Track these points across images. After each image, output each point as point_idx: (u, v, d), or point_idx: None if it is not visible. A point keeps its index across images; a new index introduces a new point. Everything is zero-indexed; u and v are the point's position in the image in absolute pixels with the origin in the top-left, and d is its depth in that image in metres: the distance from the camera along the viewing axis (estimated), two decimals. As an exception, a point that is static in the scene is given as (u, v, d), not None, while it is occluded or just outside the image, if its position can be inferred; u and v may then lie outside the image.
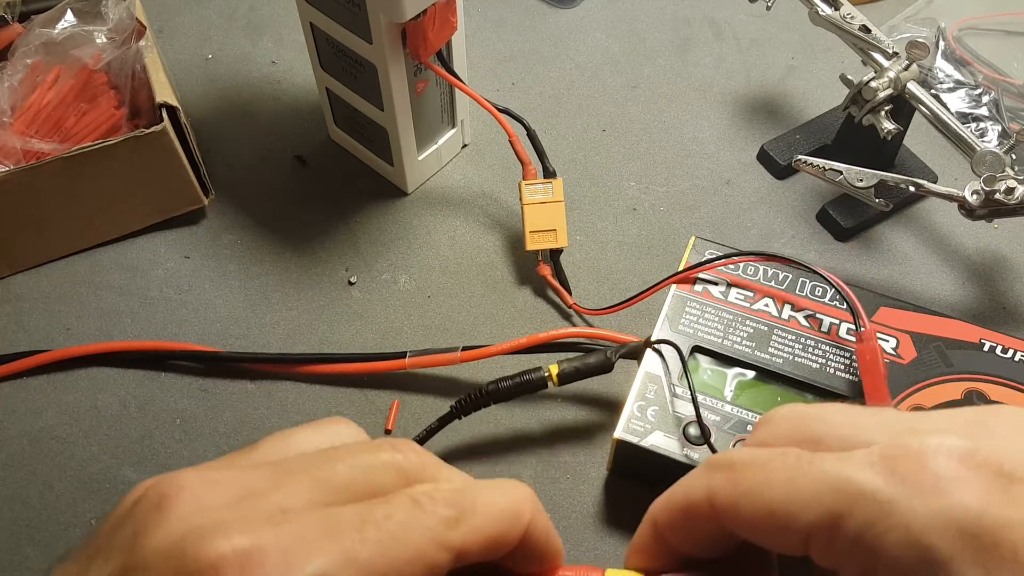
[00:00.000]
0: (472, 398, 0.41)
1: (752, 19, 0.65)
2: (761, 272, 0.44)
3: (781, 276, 0.44)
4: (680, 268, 0.44)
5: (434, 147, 0.54)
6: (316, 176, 0.56)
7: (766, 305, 0.42)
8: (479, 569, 0.25)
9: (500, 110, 0.48)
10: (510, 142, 0.48)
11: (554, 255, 0.49)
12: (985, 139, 0.56)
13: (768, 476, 0.22)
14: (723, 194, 0.55)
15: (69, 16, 0.52)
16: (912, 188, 0.46)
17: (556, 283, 0.49)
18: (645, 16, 0.65)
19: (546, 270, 0.49)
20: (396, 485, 0.24)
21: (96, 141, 0.46)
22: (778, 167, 0.55)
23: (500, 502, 0.24)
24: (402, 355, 0.45)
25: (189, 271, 0.51)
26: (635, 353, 0.41)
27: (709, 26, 0.65)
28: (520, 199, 0.49)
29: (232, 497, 0.22)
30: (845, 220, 0.52)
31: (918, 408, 0.39)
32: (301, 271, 0.51)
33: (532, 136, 0.49)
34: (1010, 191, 0.43)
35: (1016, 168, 0.44)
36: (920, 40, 0.47)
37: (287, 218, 0.53)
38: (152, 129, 0.47)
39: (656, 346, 0.40)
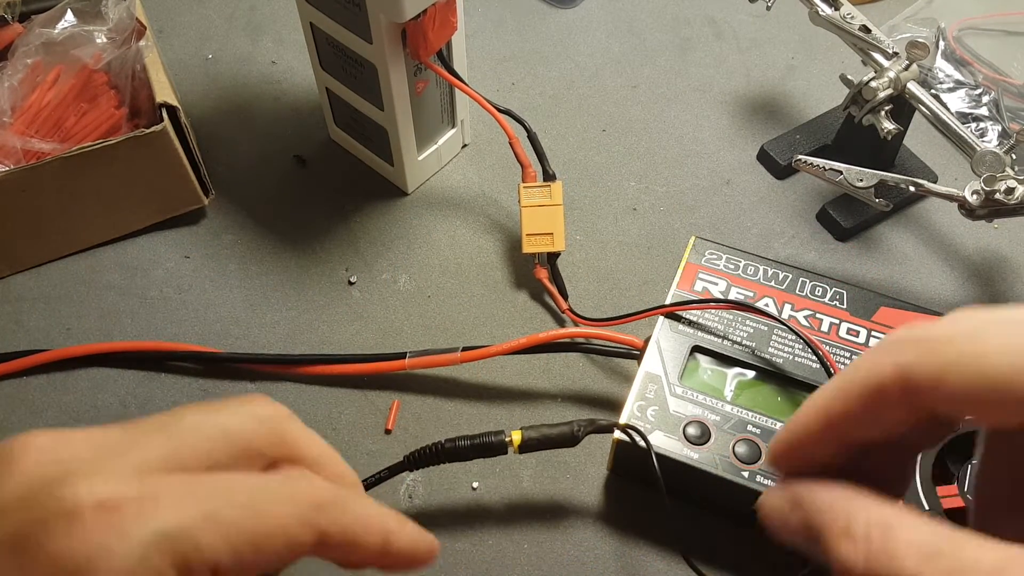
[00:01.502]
0: (426, 452, 0.39)
1: (752, 19, 0.65)
2: (761, 272, 0.44)
3: (781, 276, 0.44)
4: (680, 268, 0.44)
5: (434, 147, 0.54)
6: (316, 176, 0.56)
7: (766, 305, 0.42)
8: None
9: (501, 111, 0.48)
10: (510, 144, 0.48)
11: (551, 258, 0.49)
12: (985, 139, 0.56)
13: (977, 343, 0.20)
14: (723, 194, 0.55)
15: (69, 16, 0.52)
16: (912, 188, 0.46)
17: (551, 287, 0.49)
18: (645, 16, 0.65)
19: (543, 273, 0.49)
20: (266, 444, 0.25)
21: (96, 141, 0.46)
22: (778, 167, 0.55)
23: (372, 512, 0.25)
24: (402, 355, 0.45)
25: (189, 271, 0.51)
26: (604, 431, 0.39)
27: (709, 26, 0.65)
28: (519, 202, 0.49)
29: (87, 452, 0.22)
30: (845, 220, 0.52)
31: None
32: (301, 271, 0.51)
33: (532, 138, 0.49)
34: (1010, 191, 0.43)
35: (1016, 168, 0.44)
36: (920, 40, 0.47)
37: (287, 218, 0.53)
38: (152, 129, 0.47)
39: (627, 430, 0.38)
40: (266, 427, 0.26)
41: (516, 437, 0.38)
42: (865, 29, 0.50)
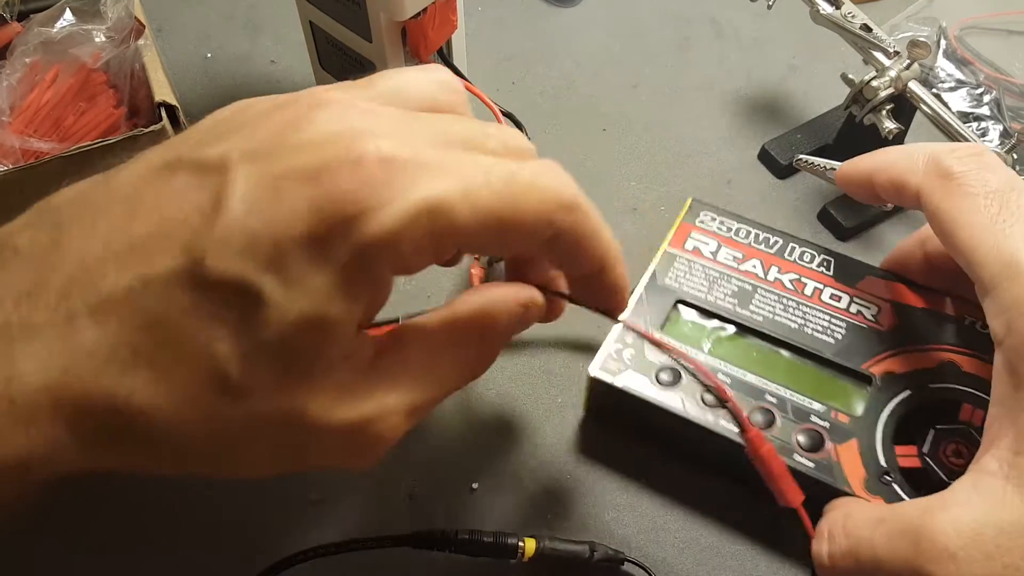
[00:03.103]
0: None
1: (753, 18, 0.65)
2: (753, 235, 0.44)
3: (772, 240, 0.44)
4: (674, 227, 0.45)
5: (434, 146, 0.54)
6: (316, 175, 0.55)
7: (753, 266, 0.43)
8: None
9: (503, 114, 0.48)
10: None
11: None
12: (986, 138, 0.56)
13: (971, 212, 0.31)
14: (724, 194, 0.55)
15: (68, 15, 0.51)
16: (913, 188, 0.46)
17: None
18: (646, 15, 0.65)
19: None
20: (447, 105, 0.28)
21: (95, 140, 0.46)
22: (779, 167, 0.55)
23: (604, 232, 0.28)
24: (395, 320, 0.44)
25: (188, 271, 0.51)
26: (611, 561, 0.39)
27: (710, 25, 0.65)
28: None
29: (373, 120, 0.25)
30: (846, 219, 0.52)
31: (890, 374, 0.39)
32: (301, 271, 0.51)
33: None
34: (1012, 191, 0.43)
35: (1017, 168, 0.44)
36: (921, 39, 0.47)
37: (287, 217, 0.53)
38: (151, 128, 0.47)
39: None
40: (447, 90, 0.28)
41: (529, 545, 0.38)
42: (866, 28, 0.49)
